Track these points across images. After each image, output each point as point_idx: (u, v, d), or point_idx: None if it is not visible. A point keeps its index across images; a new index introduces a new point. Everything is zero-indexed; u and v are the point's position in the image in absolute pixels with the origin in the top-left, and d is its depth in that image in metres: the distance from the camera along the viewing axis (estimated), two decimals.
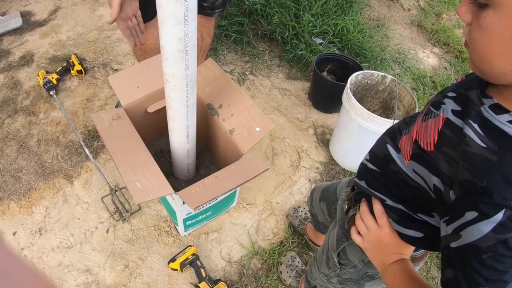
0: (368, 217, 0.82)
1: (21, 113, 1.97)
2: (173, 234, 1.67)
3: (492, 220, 0.54)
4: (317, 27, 2.47)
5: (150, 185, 1.22)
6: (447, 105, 0.65)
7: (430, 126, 0.67)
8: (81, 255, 1.57)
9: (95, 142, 1.90)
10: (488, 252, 0.54)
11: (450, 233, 0.59)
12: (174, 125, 1.34)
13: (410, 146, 0.71)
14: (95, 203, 1.71)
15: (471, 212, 0.56)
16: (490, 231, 0.54)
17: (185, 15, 0.93)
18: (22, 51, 2.25)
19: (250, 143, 1.40)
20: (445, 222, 0.62)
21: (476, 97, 0.60)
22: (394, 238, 0.78)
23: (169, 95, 1.20)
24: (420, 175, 0.69)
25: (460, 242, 0.57)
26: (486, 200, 0.54)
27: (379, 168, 0.82)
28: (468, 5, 0.56)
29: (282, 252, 1.68)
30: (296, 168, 1.98)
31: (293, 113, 2.21)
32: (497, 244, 0.53)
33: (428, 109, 0.70)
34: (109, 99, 2.07)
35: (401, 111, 1.86)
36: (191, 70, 1.11)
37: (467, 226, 0.56)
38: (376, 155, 0.84)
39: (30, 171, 1.78)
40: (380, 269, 0.80)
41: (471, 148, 0.57)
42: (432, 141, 0.65)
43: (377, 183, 0.81)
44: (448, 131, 0.63)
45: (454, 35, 2.94)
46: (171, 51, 1.03)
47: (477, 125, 0.58)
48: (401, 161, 0.74)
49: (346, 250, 0.97)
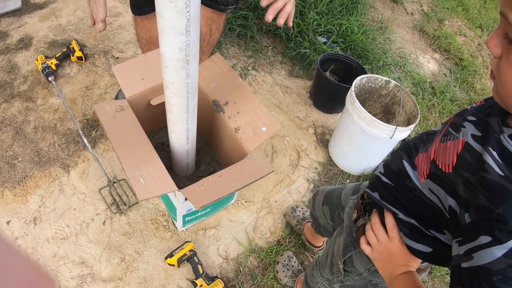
0: (379, 229, 0.83)
1: (18, 98, 1.92)
2: (171, 228, 1.65)
3: (505, 246, 0.56)
4: (321, 25, 2.45)
5: (153, 181, 1.21)
6: (467, 129, 0.66)
7: (449, 147, 0.68)
8: (76, 246, 1.55)
9: (93, 131, 1.87)
10: (498, 275, 0.56)
11: (462, 253, 0.61)
12: (174, 128, 1.32)
13: (427, 165, 0.72)
14: (92, 194, 1.69)
15: (485, 236, 0.58)
16: (502, 256, 0.56)
17: (187, 26, 0.90)
18: (21, 34, 2.19)
19: (255, 142, 1.39)
20: (458, 243, 0.63)
21: (496, 125, 0.62)
22: (403, 251, 0.79)
23: (169, 100, 1.18)
24: (436, 194, 0.70)
25: (472, 263, 0.59)
26: (501, 227, 0.57)
27: (393, 183, 0.83)
28: (499, 39, 0.56)
29: (279, 251, 1.68)
30: (295, 167, 1.98)
31: (294, 112, 2.20)
32: (508, 268, 0.56)
33: (447, 130, 0.71)
34: (109, 88, 2.04)
35: (403, 117, 1.87)
36: (192, 79, 1.09)
37: (480, 249, 0.58)
38: (391, 169, 0.85)
39: (25, 158, 1.74)
40: (387, 279, 0.82)
41: (489, 176, 0.59)
42: (451, 163, 0.66)
43: (391, 197, 0.82)
44: (467, 155, 0.64)
45: (455, 42, 2.95)
46: (171, 60, 1.00)
47: (496, 153, 0.59)
48: (416, 178, 0.76)
49: (353, 258, 0.97)
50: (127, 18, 2.37)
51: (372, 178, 0.93)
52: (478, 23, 3.28)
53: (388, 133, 1.67)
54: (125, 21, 2.36)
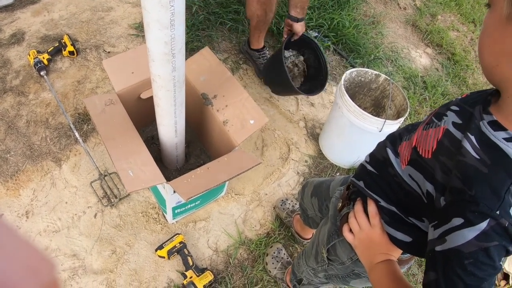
0: (362, 216, 0.85)
1: (10, 93, 1.93)
2: (161, 221, 1.67)
3: (476, 228, 0.57)
4: (313, 20, 2.46)
5: (142, 173, 1.22)
6: (449, 117, 0.69)
7: (430, 135, 0.70)
8: (68, 239, 1.57)
9: (85, 125, 1.88)
10: (469, 258, 0.58)
11: (437, 237, 0.63)
12: (162, 121, 1.34)
13: (409, 152, 0.74)
14: (84, 187, 1.70)
15: (458, 218, 0.59)
16: (473, 238, 0.57)
17: (171, 20, 0.91)
18: (13, 28, 2.19)
19: (243, 135, 1.40)
20: (433, 227, 0.65)
21: (477, 113, 0.64)
22: (384, 239, 0.81)
23: (157, 94, 1.20)
24: (415, 180, 0.72)
25: (445, 246, 0.61)
26: (473, 208, 0.58)
27: (377, 171, 0.85)
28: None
29: (268, 243, 1.70)
30: (285, 161, 2.00)
31: (285, 105, 2.21)
32: (479, 252, 0.57)
33: (431, 119, 0.73)
34: (100, 82, 2.05)
35: (393, 110, 1.89)
36: (179, 72, 1.10)
37: (452, 231, 0.60)
38: (376, 158, 0.87)
39: (18, 152, 1.76)
40: (367, 267, 0.83)
41: (465, 159, 0.61)
42: (431, 149, 0.68)
43: (374, 185, 0.84)
44: (447, 141, 0.66)
45: (447, 37, 2.97)
46: (157, 54, 1.02)
47: (474, 137, 0.61)
48: (398, 165, 0.78)
49: (336, 246, 0.99)
50: (118, 13, 2.38)
51: (358, 167, 0.95)
52: (471, 18, 3.29)
53: (377, 126, 1.68)
54: (116, 15, 2.36)
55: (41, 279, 0.33)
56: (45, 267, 0.34)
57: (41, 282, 0.33)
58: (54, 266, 0.35)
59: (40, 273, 0.33)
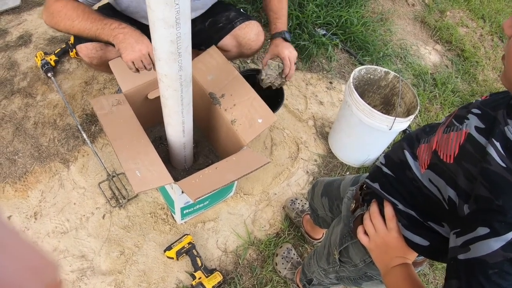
0: (378, 219, 0.82)
1: (18, 94, 1.93)
2: (170, 222, 1.66)
3: (502, 238, 0.55)
4: (321, 18, 2.44)
5: (149, 174, 1.21)
6: (471, 121, 0.66)
7: (451, 138, 0.67)
8: (76, 240, 1.56)
9: (92, 126, 1.88)
10: (494, 268, 0.56)
11: (460, 245, 0.61)
12: (169, 121, 1.32)
13: (429, 156, 0.72)
14: (92, 188, 1.70)
15: (483, 228, 0.57)
16: (499, 248, 0.55)
17: (177, 18, 0.90)
18: (20, 31, 2.20)
19: (251, 134, 1.39)
20: (455, 234, 0.63)
21: (501, 117, 0.61)
22: (401, 243, 0.78)
23: (164, 93, 1.19)
24: (436, 185, 0.70)
25: (468, 255, 0.58)
26: (500, 218, 0.56)
27: (394, 173, 0.83)
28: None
29: (278, 243, 1.68)
30: (294, 160, 1.98)
31: (293, 104, 2.19)
32: (504, 262, 0.55)
33: (451, 122, 0.71)
34: (108, 83, 2.04)
35: (403, 108, 1.86)
36: (186, 71, 1.09)
37: (477, 241, 0.58)
38: (392, 160, 0.84)
39: (26, 154, 1.76)
40: (382, 270, 0.81)
41: (491, 167, 0.58)
42: (453, 153, 0.66)
43: (391, 187, 0.82)
44: (470, 147, 0.63)
45: (456, 33, 2.92)
46: (163, 53, 1.00)
47: (499, 144, 0.59)
48: (417, 168, 0.75)
49: (349, 248, 0.97)
50: None
51: (373, 168, 0.92)
52: (480, 14, 3.24)
53: (387, 124, 1.66)
54: None
55: (44, 280, 0.33)
56: (48, 268, 0.35)
57: (45, 283, 0.33)
58: (57, 267, 0.36)
59: (43, 274, 0.34)
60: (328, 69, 2.41)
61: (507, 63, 0.58)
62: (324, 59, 2.46)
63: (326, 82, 2.36)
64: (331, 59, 2.44)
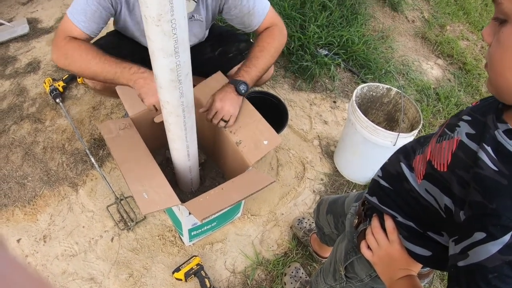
0: (379, 233, 0.83)
1: (27, 120, 1.98)
2: (178, 243, 1.67)
3: (499, 242, 0.55)
4: (322, 38, 2.48)
5: (157, 196, 1.23)
6: (462, 128, 0.67)
7: (444, 147, 0.68)
8: (85, 263, 1.57)
9: (100, 150, 1.91)
10: (494, 272, 0.56)
11: (458, 252, 0.61)
12: (174, 145, 1.35)
13: (424, 166, 0.72)
14: (100, 211, 1.71)
15: (480, 232, 0.57)
16: (497, 252, 0.55)
17: (175, 47, 0.92)
18: (29, 58, 2.26)
19: (257, 155, 1.40)
20: (454, 242, 0.63)
21: (491, 122, 0.62)
22: (404, 254, 0.79)
23: (167, 119, 1.21)
24: (432, 194, 0.70)
25: (467, 261, 0.59)
26: (495, 221, 0.56)
27: (391, 186, 0.83)
28: (492, 27, 0.57)
29: (286, 263, 1.68)
30: (300, 179, 1.99)
31: (298, 124, 2.21)
32: (503, 265, 0.55)
33: (443, 131, 0.72)
34: (115, 108, 2.08)
35: (406, 123, 1.87)
36: (187, 98, 1.11)
37: (475, 246, 0.58)
38: (390, 173, 0.85)
39: (35, 178, 1.79)
40: (387, 283, 0.81)
41: (483, 171, 0.59)
42: (446, 162, 0.66)
43: (389, 200, 0.82)
44: (461, 154, 0.64)
45: (457, 47, 2.95)
46: (164, 80, 1.03)
47: (490, 148, 0.59)
48: (414, 180, 0.76)
49: (354, 264, 0.97)
50: None
51: (371, 182, 0.93)
52: (480, 26, 3.27)
53: (391, 140, 1.67)
54: None
55: None
56: None
57: None
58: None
59: None
60: (331, 89, 2.44)
61: (490, 70, 0.59)
62: (327, 79, 2.49)
63: (330, 102, 2.38)
64: (334, 78, 2.47)
